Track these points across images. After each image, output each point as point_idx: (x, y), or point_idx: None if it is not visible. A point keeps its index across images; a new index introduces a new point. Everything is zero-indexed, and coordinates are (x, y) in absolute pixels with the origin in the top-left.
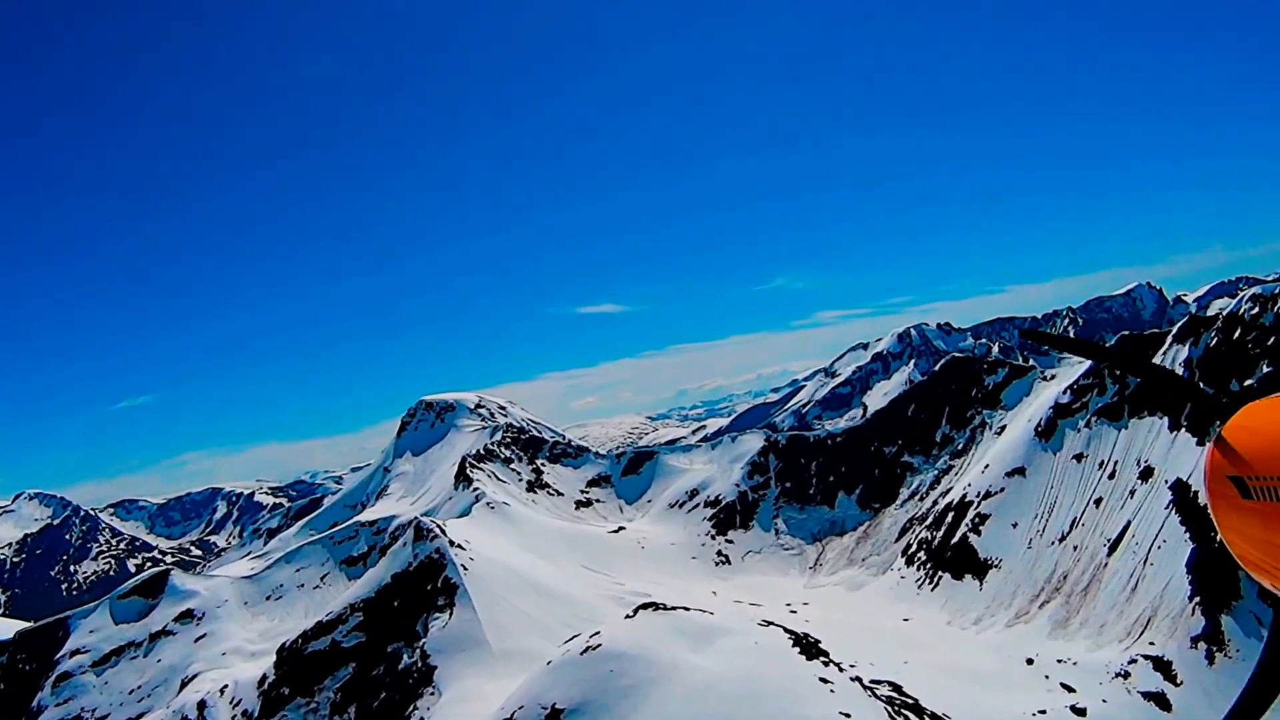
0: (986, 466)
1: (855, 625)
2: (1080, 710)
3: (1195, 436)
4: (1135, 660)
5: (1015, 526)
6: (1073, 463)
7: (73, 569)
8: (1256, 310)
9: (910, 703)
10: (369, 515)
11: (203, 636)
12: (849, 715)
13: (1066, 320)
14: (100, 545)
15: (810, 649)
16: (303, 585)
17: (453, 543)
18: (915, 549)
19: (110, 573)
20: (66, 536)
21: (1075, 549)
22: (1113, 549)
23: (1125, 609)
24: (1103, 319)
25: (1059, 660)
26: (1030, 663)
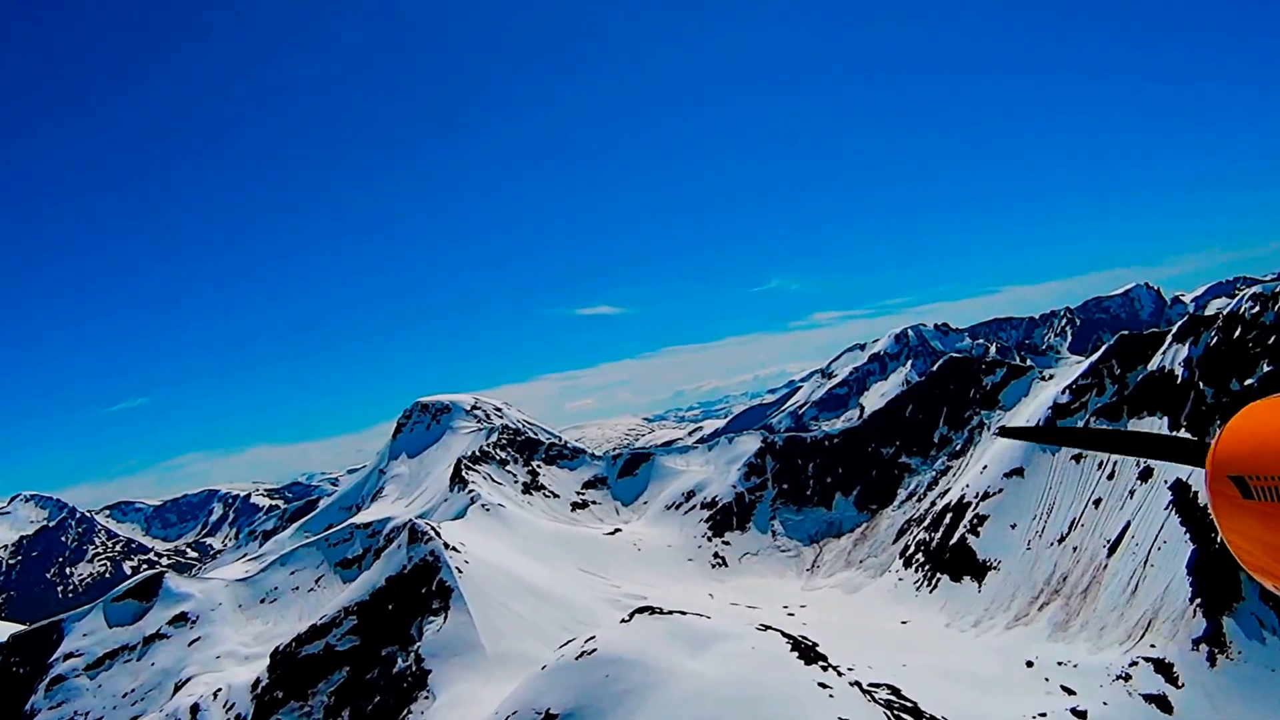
0: (985, 467)
1: (853, 628)
2: (1081, 713)
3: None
4: (1136, 662)
5: (1014, 528)
6: (1071, 463)
7: (68, 571)
8: (1257, 309)
9: (909, 706)
10: (364, 517)
11: (197, 640)
12: None
13: (1064, 320)
14: (96, 547)
15: (808, 653)
16: (297, 588)
17: (447, 545)
18: (913, 551)
19: (106, 575)
20: (62, 538)
21: (1074, 550)
22: (1112, 550)
23: (1126, 611)
24: (1100, 319)
25: (1059, 663)
26: (1030, 665)
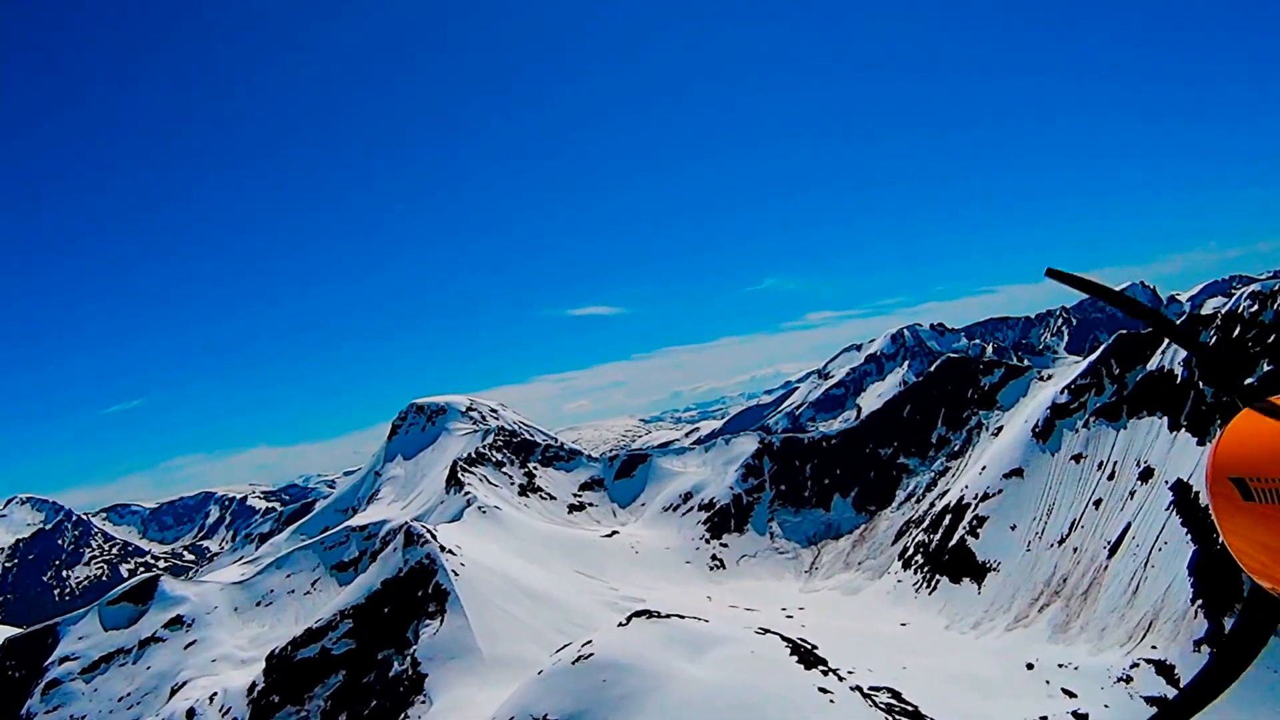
0: (984, 468)
1: (852, 630)
2: (1083, 716)
3: (1195, 436)
4: (1137, 664)
5: (1013, 529)
6: (1071, 464)
7: (65, 574)
8: (1256, 308)
9: (910, 710)
10: (360, 520)
11: (192, 643)
12: None
13: (1060, 320)
14: (93, 550)
15: (808, 657)
16: (293, 591)
17: (443, 548)
18: (912, 552)
19: (103, 578)
20: (59, 541)
21: (1075, 551)
22: (1113, 551)
23: (1126, 612)
24: (1096, 319)
25: (1060, 665)
26: (1030, 667)
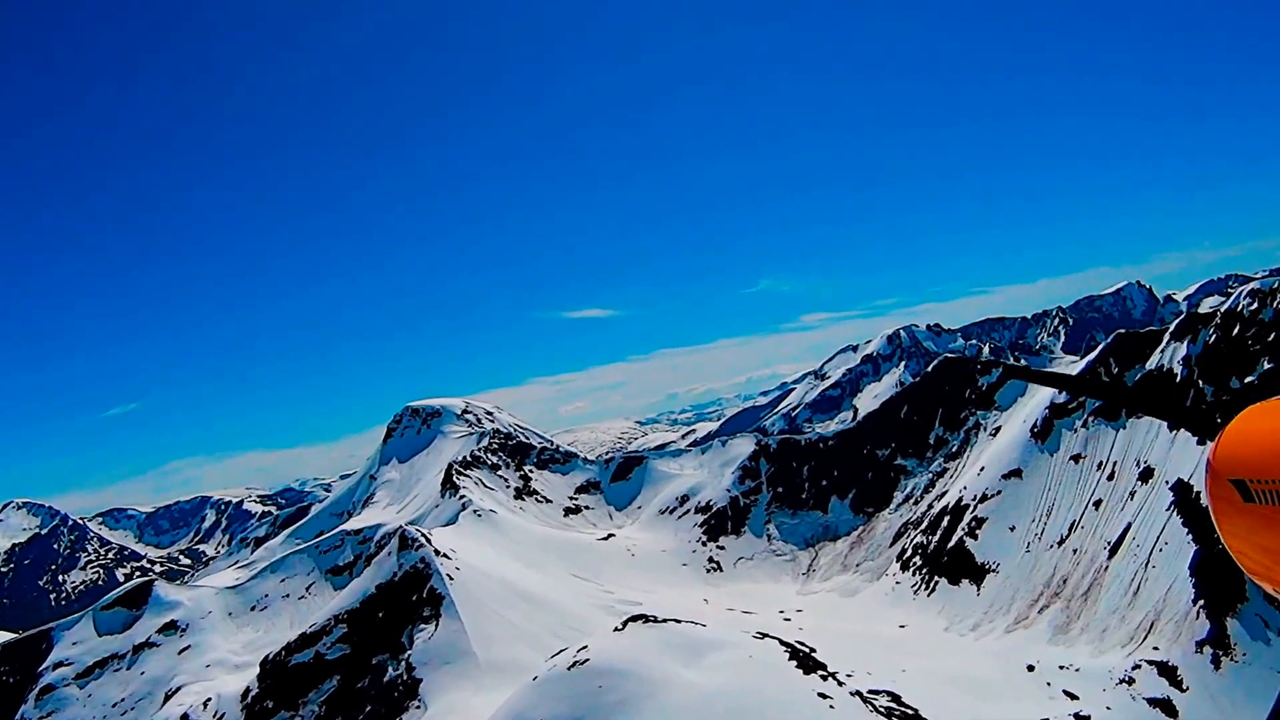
0: (982, 469)
1: (850, 632)
2: (1084, 718)
3: (1195, 437)
4: (1139, 666)
5: (1013, 530)
6: (1070, 464)
7: (61, 579)
8: (1255, 306)
9: (910, 714)
10: (355, 524)
11: (187, 648)
12: None
13: (1057, 320)
14: (89, 555)
15: (807, 662)
16: (288, 596)
17: (438, 552)
18: (910, 554)
19: (99, 582)
20: (55, 546)
21: (1075, 552)
22: (1113, 552)
23: (1127, 613)
24: (1093, 319)
25: (1060, 667)
26: (1031, 669)
